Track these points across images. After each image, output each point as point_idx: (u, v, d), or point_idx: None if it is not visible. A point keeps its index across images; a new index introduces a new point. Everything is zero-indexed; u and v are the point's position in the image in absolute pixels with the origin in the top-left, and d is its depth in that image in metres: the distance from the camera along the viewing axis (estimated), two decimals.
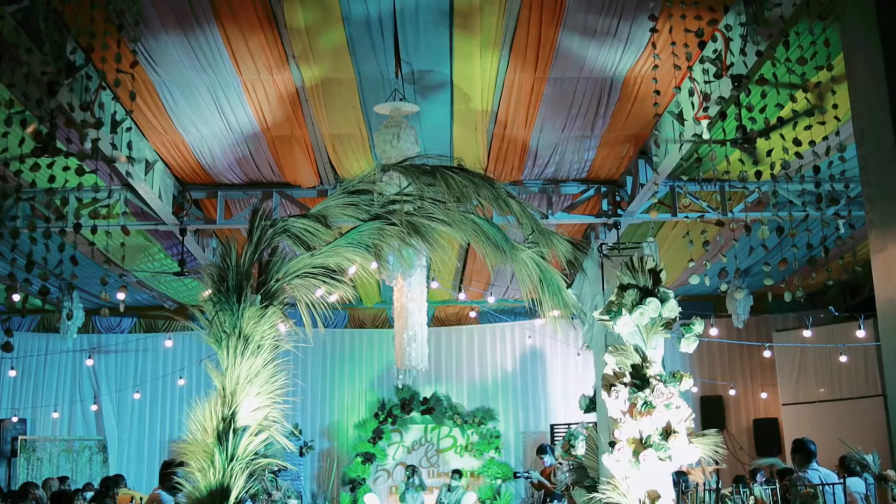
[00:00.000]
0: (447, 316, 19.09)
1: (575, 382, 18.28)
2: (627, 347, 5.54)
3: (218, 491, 5.16)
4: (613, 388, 5.43)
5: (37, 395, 18.13)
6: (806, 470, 8.97)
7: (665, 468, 5.33)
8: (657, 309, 5.51)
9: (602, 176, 12.05)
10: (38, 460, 17.47)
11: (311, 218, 5.62)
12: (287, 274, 5.56)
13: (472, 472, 17.90)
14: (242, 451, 5.28)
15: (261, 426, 5.38)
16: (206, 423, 5.27)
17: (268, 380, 5.39)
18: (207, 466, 5.21)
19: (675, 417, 5.42)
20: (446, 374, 18.69)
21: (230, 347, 5.32)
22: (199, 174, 11.59)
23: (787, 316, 18.08)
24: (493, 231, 5.67)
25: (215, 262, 5.46)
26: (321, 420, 18.60)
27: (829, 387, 16.62)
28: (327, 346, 18.78)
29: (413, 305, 12.08)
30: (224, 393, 5.34)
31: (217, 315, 5.35)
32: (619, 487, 5.33)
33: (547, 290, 5.74)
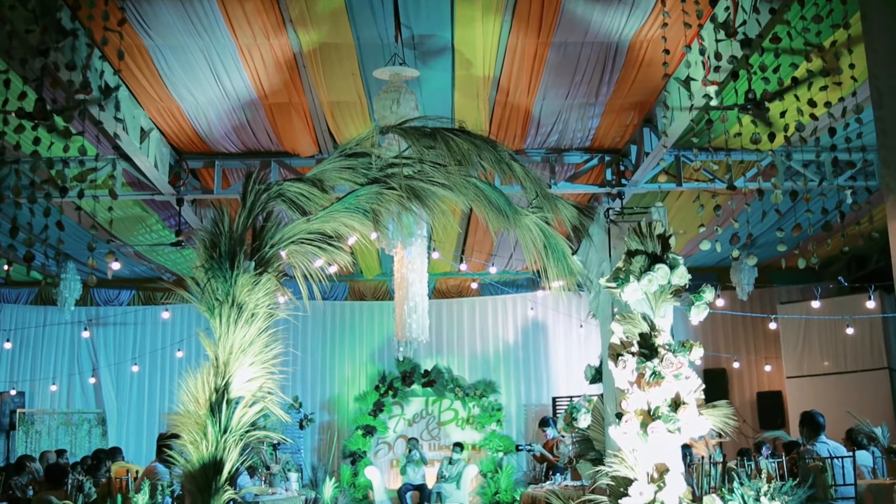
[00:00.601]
0: (448, 288, 18.92)
1: (577, 355, 18.14)
2: (635, 316, 5.33)
3: (211, 464, 4.99)
4: (620, 358, 5.23)
5: (35, 368, 17.98)
6: (814, 443, 8.83)
7: (674, 440, 5.15)
8: (666, 276, 5.31)
9: (606, 145, 11.83)
10: (37, 433, 17.34)
11: (306, 182, 5.42)
12: (282, 240, 5.36)
13: (473, 445, 17.78)
14: (236, 422, 5.11)
15: (255, 397, 5.20)
16: (199, 394, 5.09)
17: (262, 349, 5.20)
18: (200, 439, 5.03)
19: (685, 388, 5.23)
20: (447, 346, 18.53)
21: (223, 316, 5.14)
22: (195, 143, 11.38)
23: (792, 288, 17.91)
24: (496, 195, 5.47)
25: (207, 228, 5.25)
26: (321, 393, 18.45)
27: (834, 359, 16.46)
28: (327, 319, 18.63)
29: (414, 276, 11.90)
30: (217, 363, 5.16)
31: (209, 282, 5.16)
32: (627, 460, 5.15)
33: (551, 257, 5.54)
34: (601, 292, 5.86)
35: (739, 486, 5.35)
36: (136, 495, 4.92)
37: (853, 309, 15.39)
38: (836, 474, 8.37)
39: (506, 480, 16.97)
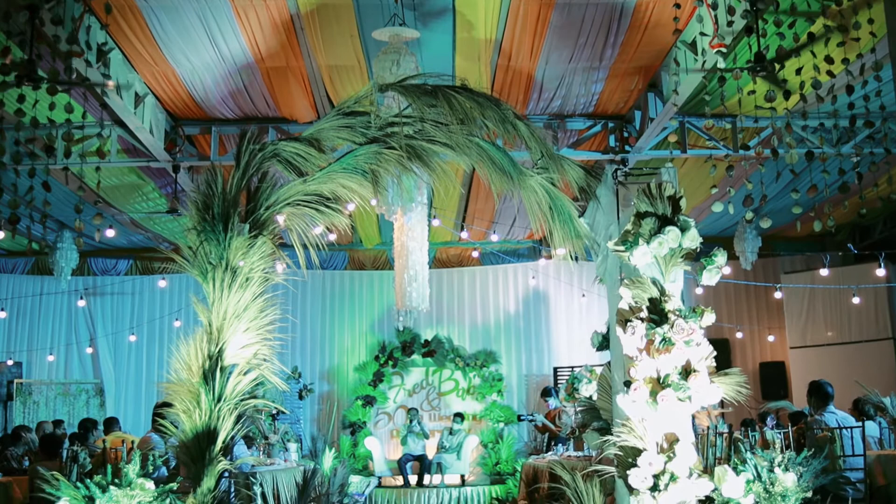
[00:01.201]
0: (449, 257, 18.73)
1: (579, 324, 17.99)
2: (644, 280, 5.13)
3: (204, 433, 4.82)
4: (629, 324, 5.04)
5: (32, 338, 17.84)
6: (822, 413, 8.67)
7: (684, 409, 4.97)
8: (677, 238, 5.11)
9: (610, 110, 11.61)
10: (35, 404, 17.23)
11: (303, 142, 5.22)
12: (278, 202, 5.17)
13: (473, 416, 17.63)
14: (230, 391, 4.94)
15: (250, 364, 5.03)
16: (192, 361, 4.92)
17: (257, 315, 5.02)
18: (193, 408, 4.87)
19: (696, 355, 5.04)
20: (448, 316, 18.37)
21: (216, 280, 4.96)
22: (191, 108, 11.15)
23: (796, 257, 17.76)
24: (500, 155, 5.27)
25: (200, 189, 5.06)
26: (321, 363, 18.31)
27: (839, 330, 16.33)
28: (326, 288, 18.47)
29: (414, 244, 11.73)
30: (210, 329, 4.98)
31: (202, 246, 4.97)
32: (635, 430, 4.97)
33: (557, 219, 5.35)
34: (609, 256, 5.64)
35: (752, 456, 5.19)
36: (127, 466, 4.75)
37: (859, 278, 15.25)
38: (844, 445, 8.23)
39: (506, 451, 16.86)
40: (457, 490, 15.92)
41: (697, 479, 4.91)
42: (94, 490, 4.60)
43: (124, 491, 4.61)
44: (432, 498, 15.75)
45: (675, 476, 4.84)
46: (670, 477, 4.82)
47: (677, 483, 4.82)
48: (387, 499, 15.80)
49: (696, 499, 4.97)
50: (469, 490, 15.95)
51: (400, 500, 15.76)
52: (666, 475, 4.83)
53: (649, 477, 4.85)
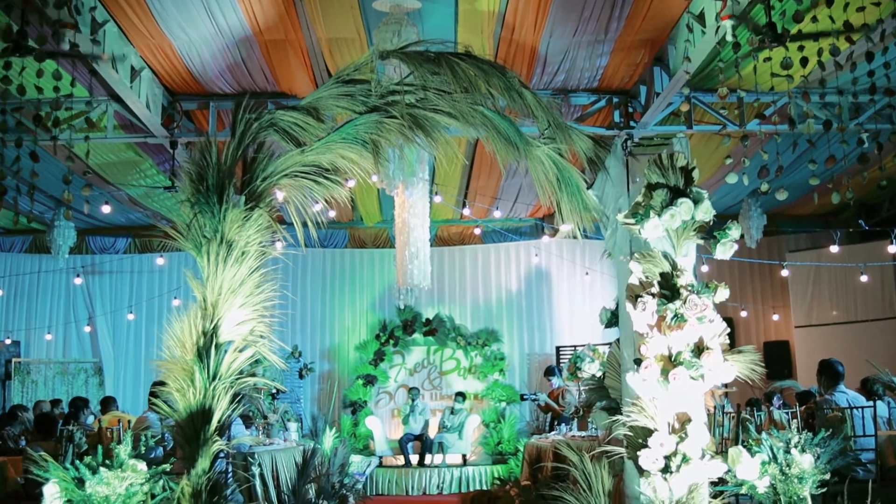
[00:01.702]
0: (450, 235, 18.57)
1: (581, 303, 17.88)
2: (655, 254, 4.94)
3: (199, 413, 4.65)
4: (640, 300, 4.84)
5: (31, 317, 17.74)
6: (832, 393, 8.50)
7: (697, 388, 4.78)
8: (690, 210, 4.91)
9: (614, 85, 11.39)
10: (33, 383, 17.14)
11: (300, 111, 5.02)
12: (275, 173, 4.97)
13: (475, 395, 17.52)
14: (226, 369, 4.75)
15: (246, 341, 4.85)
16: (185, 338, 4.73)
17: (254, 290, 4.83)
18: (187, 386, 4.69)
19: (709, 332, 4.85)
20: (449, 294, 18.23)
21: (211, 254, 4.77)
22: (189, 83, 10.94)
23: (801, 236, 17.60)
24: (506, 125, 5.07)
25: (194, 159, 4.86)
26: (321, 342, 18.19)
27: (844, 309, 16.19)
28: (327, 266, 18.34)
29: (415, 221, 11.57)
30: (205, 305, 4.80)
31: (196, 218, 4.78)
32: (646, 409, 4.78)
33: (565, 191, 5.15)
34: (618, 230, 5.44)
35: (768, 437, 5.02)
36: (118, 446, 4.58)
37: (866, 257, 15.08)
38: (855, 425, 8.07)
39: (508, 430, 16.75)
40: (458, 470, 15.81)
41: (710, 460, 4.74)
42: (84, 471, 4.43)
43: (115, 472, 4.44)
44: (433, 477, 15.64)
45: (688, 457, 4.66)
46: (682, 458, 4.64)
47: (690, 464, 4.64)
48: (388, 478, 15.68)
49: (708, 480, 4.81)
50: (470, 470, 15.84)
51: (401, 479, 15.65)
52: (678, 456, 4.65)
53: (660, 458, 4.67)
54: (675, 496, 4.69)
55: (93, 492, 4.38)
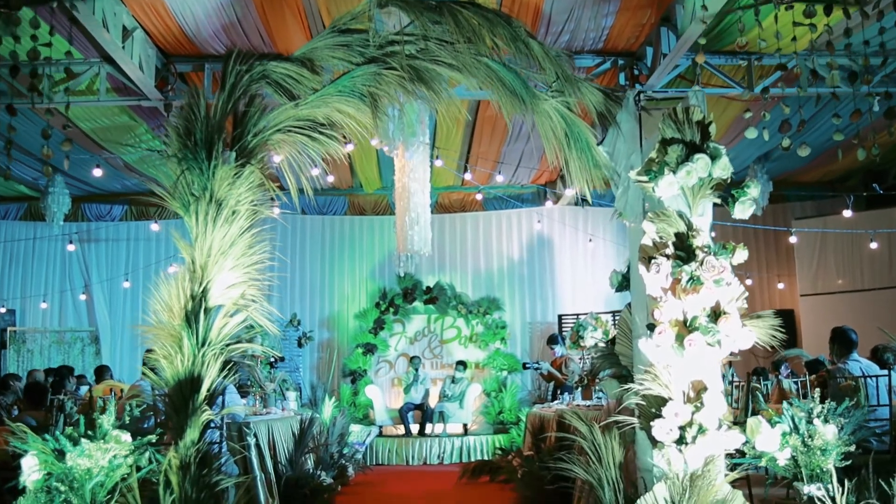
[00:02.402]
0: (451, 202, 18.30)
1: (584, 271, 17.65)
2: (670, 214, 4.65)
3: (187, 381, 4.40)
4: (653, 262, 4.57)
5: (26, 286, 17.51)
6: (846, 361, 8.24)
7: (713, 355, 4.52)
8: (707, 167, 4.62)
9: (620, 47, 11.06)
10: (29, 352, 16.96)
11: (294, 62, 4.73)
12: (267, 128, 4.70)
13: (476, 364, 17.31)
14: (216, 334, 4.50)
15: (237, 306, 4.59)
16: (173, 302, 4.48)
17: (245, 251, 4.57)
18: (174, 352, 4.44)
19: (726, 296, 4.58)
20: (450, 262, 17.98)
21: (199, 213, 4.50)
22: (183, 44, 10.62)
23: (807, 203, 17.36)
24: (511, 77, 4.79)
25: (181, 113, 4.59)
26: (320, 310, 17.96)
27: (851, 277, 15.97)
28: (326, 234, 18.08)
29: (416, 186, 11.30)
30: (193, 267, 4.54)
31: (184, 175, 4.51)
32: (660, 377, 4.52)
33: (574, 148, 4.88)
34: (630, 188, 5.14)
35: (789, 406, 4.76)
36: (102, 416, 4.33)
37: (874, 224, 14.84)
38: (869, 395, 7.81)
39: (510, 399, 16.54)
40: (459, 439, 15.61)
41: (728, 431, 4.49)
42: (65, 443, 4.18)
43: (97, 444, 4.19)
44: (434, 447, 15.45)
45: (704, 428, 4.40)
46: (698, 429, 4.39)
47: (706, 435, 4.39)
48: (388, 448, 15.49)
49: (725, 452, 4.56)
50: (472, 439, 15.64)
51: (401, 449, 15.45)
52: (693, 427, 4.40)
53: (675, 429, 4.42)
54: (689, 468, 4.44)
55: (74, 464, 4.13)
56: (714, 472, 4.45)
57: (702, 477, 4.40)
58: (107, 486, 4.24)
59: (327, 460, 10.92)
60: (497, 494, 11.01)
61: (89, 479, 4.16)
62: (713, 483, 4.40)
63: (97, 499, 4.20)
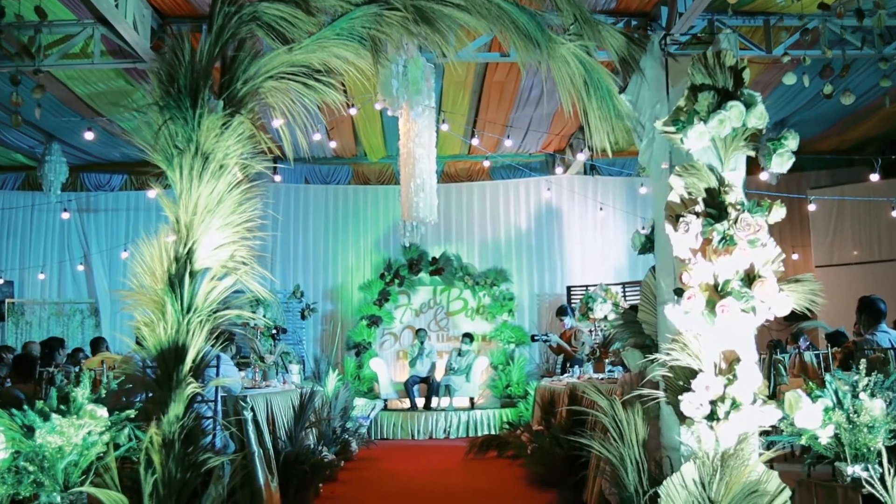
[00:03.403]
0: (457, 171, 17.89)
1: (593, 242, 17.28)
2: (700, 167, 4.21)
3: (171, 350, 4.01)
4: (681, 220, 4.14)
5: (24, 257, 17.21)
6: (874, 332, 7.84)
7: (747, 322, 4.11)
8: (741, 116, 4.19)
9: (633, 7, 10.60)
10: (27, 324, 16.69)
11: (288, 2, 4.31)
12: (258, 74, 4.28)
13: (483, 336, 16.98)
14: (202, 299, 4.11)
15: (226, 268, 4.19)
16: (155, 265, 4.09)
17: (234, 209, 4.17)
18: (157, 320, 4.05)
19: (761, 258, 4.16)
20: (456, 232, 17.58)
21: (184, 167, 4.11)
22: (179, 3, 10.19)
23: (821, 173, 16.96)
24: (525, 18, 4.37)
25: (163, 57, 4.17)
26: (324, 281, 17.61)
27: (868, 248, 15.59)
28: (329, 203, 17.68)
29: (421, 152, 10.86)
30: (177, 226, 4.14)
31: (166, 125, 4.11)
32: (690, 347, 4.12)
33: (593, 96, 4.46)
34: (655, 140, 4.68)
35: (832, 379, 4.35)
36: (76, 389, 3.96)
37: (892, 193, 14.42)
38: None
39: (517, 373, 16.20)
40: (465, 413, 15.28)
41: (763, 405, 4.08)
42: (34, 418, 3.80)
43: (70, 420, 3.81)
44: (440, 421, 15.12)
45: (738, 402, 4.00)
46: (731, 403, 3.99)
47: (740, 411, 3.98)
48: (393, 422, 15.16)
49: (759, 429, 4.16)
50: (478, 413, 15.31)
51: (406, 423, 15.12)
52: (726, 401, 4.00)
53: (706, 403, 4.01)
54: (721, 447, 4.05)
55: (44, 442, 3.76)
56: (748, 450, 4.05)
57: (734, 456, 4.01)
58: (81, 466, 3.87)
59: (329, 435, 10.57)
60: (506, 470, 10.67)
61: (61, 458, 3.79)
62: (746, 463, 4.01)
63: (70, 479, 3.83)
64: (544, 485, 8.34)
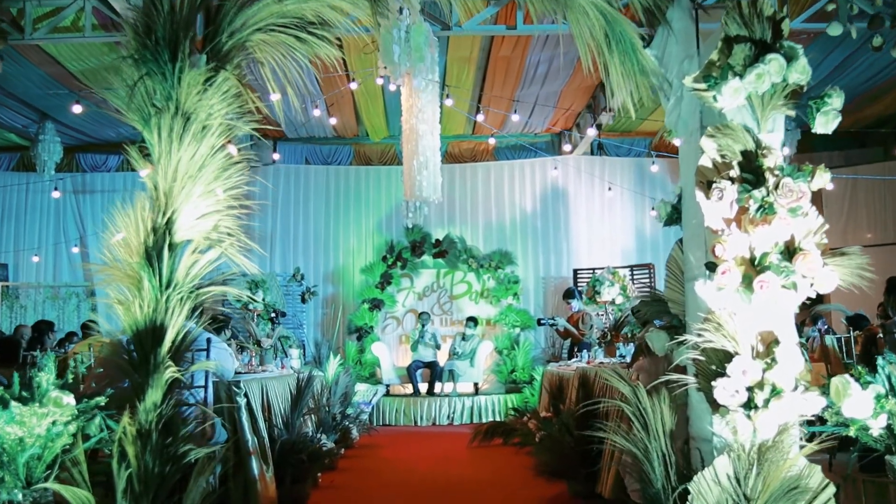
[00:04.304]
0: (461, 152, 17.47)
1: (600, 224, 16.89)
2: (735, 127, 3.78)
3: (147, 331, 3.61)
4: (714, 186, 3.71)
5: (19, 239, 16.87)
6: None
7: (788, 300, 3.68)
8: (781, 70, 3.74)
9: None
10: (22, 308, 16.37)
11: None
12: (245, 26, 3.87)
13: (488, 320, 16.59)
14: (183, 274, 3.71)
15: (209, 240, 3.79)
16: (131, 236, 3.69)
17: (218, 174, 3.76)
18: (132, 297, 3.65)
19: (801, 229, 3.74)
20: (460, 214, 17.17)
21: (162, 128, 3.70)
22: None
23: (833, 154, 16.51)
24: None
25: (139, 7, 3.77)
26: (325, 264, 17.22)
27: (882, 230, 15.19)
28: (330, 184, 17.29)
29: (424, 128, 10.44)
30: (156, 194, 3.74)
31: (143, 81, 3.70)
32: (725, 327, 3.70)
33: (615, 50, 4.04)
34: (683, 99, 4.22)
35: (885, 363, 3.94)
36: (39, 374, 3.56)
37: None
38: None
39: (523, 357, 15.80)
40: (470, 399, 14.90)
41: (805, 392, 3.67)
42: None
43: (32, 408, 3.42)
44: (444, 407, 14.75)
45: (778, 389, 3.58)
46: (771, 390, 3.58)
47: (781, 398, 3.57)
48: (395, 408, 14.79)
49: (801, 419, 3.73)
50: (483, 399, 14.93)
51: (409, 409, 14.75)
52: (765, 388, 3.59)
53: (742, 390, 3.60)
54: (759, 438, 3.64)
55: (2, 433, 3.36)
56: (788, 442, 3.64)
57: (773, 448, 3.60)
58: (45, 460, 3.47)
59: (329, 422, 10.19)
60: (512, 459, 10.28)
61: (22, 450, 3.39)
62: (786, 456, 3.60)
63: (34, 475, 3.44)
64: (553, 475, 7.95)
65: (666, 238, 16.77)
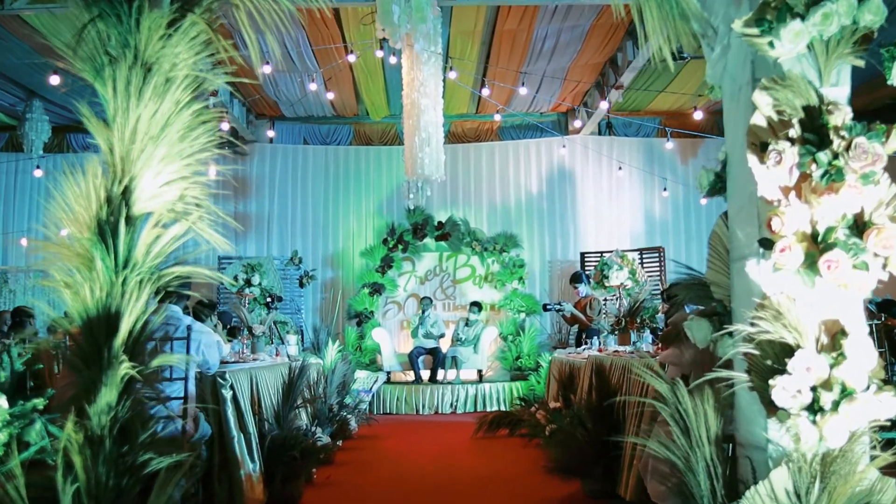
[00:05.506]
0: (465, 131, 16.92)
1: (608, 206, 16.39)
2: (795, 78, 3.16)
3: (100, 318, 3.05)
4: (771, 148, 3.10)
5: (7, 222, 16.42)
6: None
7: (858, 283, 3.06)
8: (851, 10, 3.12)
9: None
10: (11, 292, 15.91)
11: None
12: None
13: (492, 305, 16.09)
14: (143, 252, 3.14)
15: (174, 213, 3.22)
16: (79, 208, 3.12)
17: (185, 134, 3.19)
18: (82, 279, 3.09)
19: (873, 199, 3.13)
20: (464, 195, 16.65)
21: (118, 80, 3.13)
22: None
23: None
24: None
25: None
26: (323, 247, 16.72)
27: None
28: (329, 165, 16.76)
29: (427, 102, 9.91)
30: (111, 158, 3.18)
31: (93, 23, 3.14)
32: (785, 315, 3.10)
33: None
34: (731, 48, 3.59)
35: None
36: None
37: None
38: None
39: (528, 344, 15.28)
40: (473, 387, 14.38)
41: (879, 393, 3.08)
42: None
43: None
44: (447, 395, 14.23)
45: (849, 389, 3.01)
46: (841, 390, 3.00)
47: (854, 401, 2.99)
48: (396, 396, 14.26)
49: (872, 425, 3.14)
50: (487, 387, 14.40)
51: (411, 397, 14.23)
52: (834, 388, 3.00)
53: (806, 390, 3.01)
54: (824, 447, 3.07)
55: None
56: (858, 451, 3.07)
57: (840, 459, 3.03)
58: None
59: (325, 414, 9.63)
60: (520, 452, 9.74)
61: None
62: (856, 468, 3.04)
63: None
64: (565, 472, 7.39)
65: (676, 220, 16.27)
